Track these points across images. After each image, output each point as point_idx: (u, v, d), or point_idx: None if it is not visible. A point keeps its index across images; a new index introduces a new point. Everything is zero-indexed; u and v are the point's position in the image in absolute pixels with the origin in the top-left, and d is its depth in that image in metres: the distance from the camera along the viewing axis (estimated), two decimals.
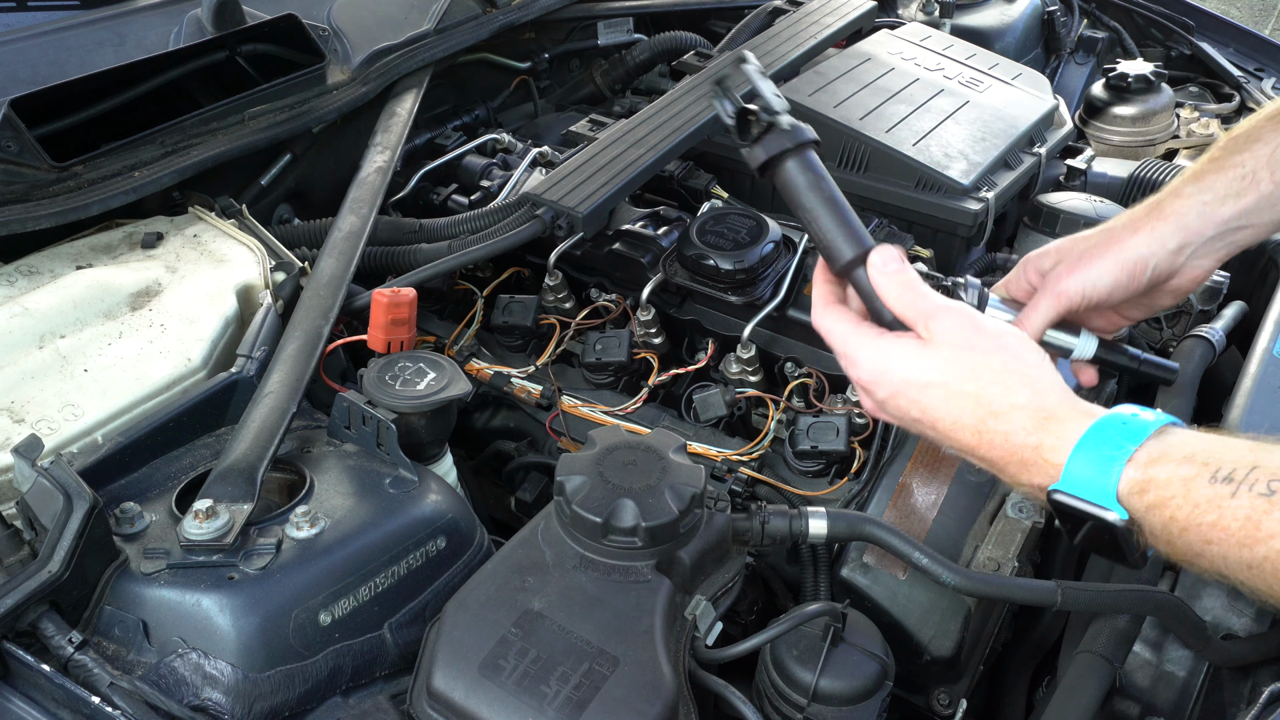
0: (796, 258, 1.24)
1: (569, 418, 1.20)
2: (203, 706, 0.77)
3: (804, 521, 0.92)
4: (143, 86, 1.25)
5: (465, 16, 1.60)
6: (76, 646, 0.76)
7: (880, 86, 1.54)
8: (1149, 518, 0.69)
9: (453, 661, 0.76)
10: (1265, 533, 0.64)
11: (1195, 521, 0.67)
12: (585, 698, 0.73)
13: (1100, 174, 1.68)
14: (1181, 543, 0.68)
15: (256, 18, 1.37)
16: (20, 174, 1.09)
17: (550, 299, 1.30)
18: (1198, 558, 0.68)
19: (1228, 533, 0.66)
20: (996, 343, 0.78)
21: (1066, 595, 0.87)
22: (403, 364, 1.00)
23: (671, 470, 0.86)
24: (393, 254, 1.31)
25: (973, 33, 2.01)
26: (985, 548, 0.99)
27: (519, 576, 0.83)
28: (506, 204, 1.33)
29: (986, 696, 1.14)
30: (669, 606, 0.81)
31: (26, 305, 1.02)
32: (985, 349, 0.77)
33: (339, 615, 0.82)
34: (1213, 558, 0.67)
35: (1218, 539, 0.66)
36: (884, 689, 0.85)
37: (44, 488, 0.80)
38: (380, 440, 0.94)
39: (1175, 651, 0.93)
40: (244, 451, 0.88)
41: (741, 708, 0.82)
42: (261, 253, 1.16)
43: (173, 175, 1.21)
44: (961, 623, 0.96)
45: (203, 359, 1.03)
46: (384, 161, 1.34)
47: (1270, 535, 0.64)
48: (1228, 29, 2.24)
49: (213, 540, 0.81)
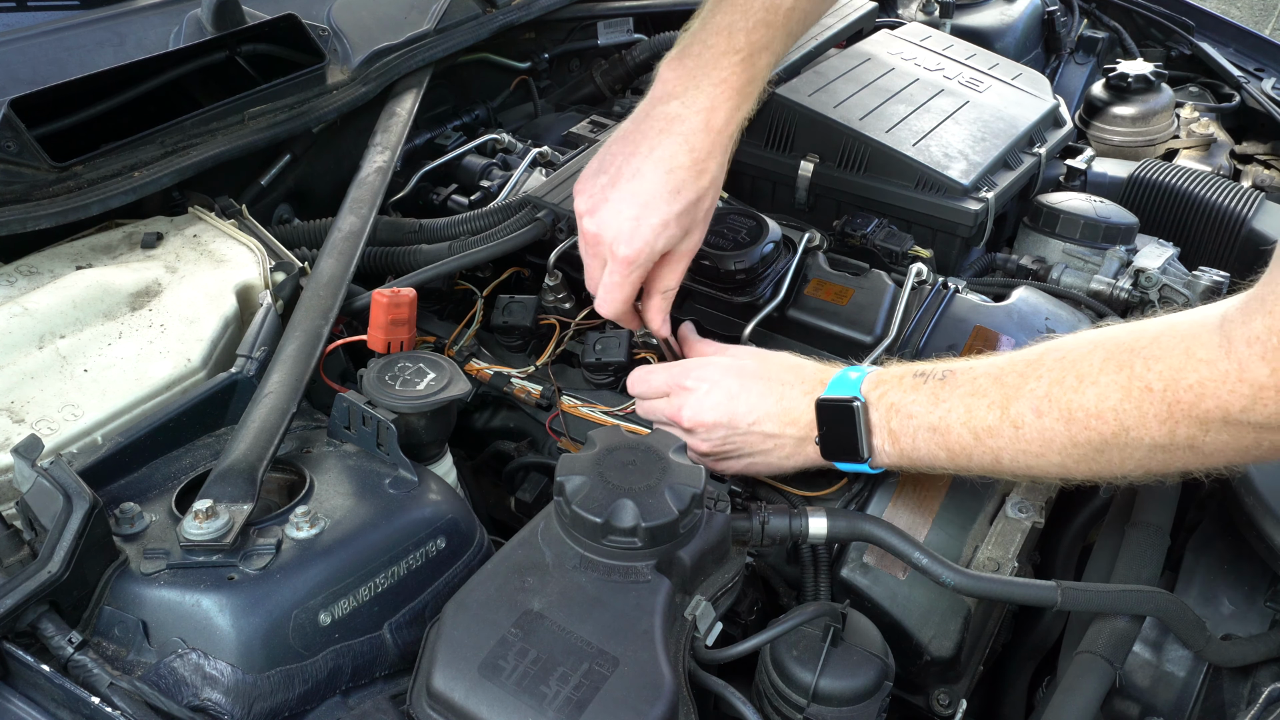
0: (796, 258, 1.24)
1: (569, 418, 1.20)
2: (202, 707, 0.77)
3: (804, 521, 0.92)
4: (143, 86, 1.25)
5: (465, 16, 1.60)
6: (76, 647, 0.76)
7: (880, 86, 1.54)
8: (879, 405, 0.94)
9: (452, 662, 0.76)
10: (939, 399, 0.90)
11: (904, 401, 0.93)
12: (585, 698, 0.73)
13: (1100, 174, 1.68)
14: (897, 423, 0.93)
15: (256, 18, 1.37)
16: (20, 174, 1.09)
17: (550, 299, 1.30)
18: (905, 434, 0.93)
19: (920, 405, 0.92)
20: (746, 349, 1.10)
21: (1066, 595, 0.87)
22: (403, 364, 1.00)
23: (671, 470, 0.86)
24: (393, 254, 1.30)
25: (973, 33, 2.01)
26: (985, 548, 0.99)
27: (519, 577, 0.83)
28: (507, 204, 1.33)
29: (986, 697, 1.14)
30: (669, 607, 0.81)
31: (26, 305, 1.02)
32: (752, 353, 1.08)
33: (339, 615, 0.82)
34: (914, 432, 0.92)
35: (916, 413, 0.92)
36: (884, 689, 0.85)
37: (44, 488, 0.80)
38: (380, 440, 0.94)
39: (1175, 651, 0.93)
40: (244, 451, 0.88)
41: (741, 708, 0.82)
42: (261, 253, 1.16)
43: (173, 175, 1.20)
44: (961, 623, 0.96)
45: (203, 359, 1.03)
46: (384, 161, 1.34)
47: (943, 401, 0.90)
48: (1228, 29, 2.24)
49: (213, 540, 0.81)
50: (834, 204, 1.47)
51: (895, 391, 0.94)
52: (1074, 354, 0.84)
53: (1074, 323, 1.23)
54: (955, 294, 1.23)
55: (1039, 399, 0.84)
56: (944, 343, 1.17)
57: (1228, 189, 1.60)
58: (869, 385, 0.96)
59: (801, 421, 0.98)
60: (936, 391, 0.91)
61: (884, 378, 0.96)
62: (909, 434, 0.93)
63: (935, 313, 1.21)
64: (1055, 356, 0.85)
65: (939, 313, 1.21)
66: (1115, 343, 0.82)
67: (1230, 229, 1.56)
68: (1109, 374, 0.80)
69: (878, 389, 0.95)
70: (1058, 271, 1.37)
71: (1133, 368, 0.79)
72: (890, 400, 0.94)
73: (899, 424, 0.93)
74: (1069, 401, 0.82)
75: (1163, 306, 1.31)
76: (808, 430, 0.98)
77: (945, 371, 0.92)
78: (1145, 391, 0.78)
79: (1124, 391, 0.79)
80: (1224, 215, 1.56)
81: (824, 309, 1.21)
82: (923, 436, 0.92)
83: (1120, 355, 0.80)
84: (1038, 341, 0.92)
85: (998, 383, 0.88)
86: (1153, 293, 1.31)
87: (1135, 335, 0.81)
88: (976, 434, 0.88)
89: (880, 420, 0.94)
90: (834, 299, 1.22)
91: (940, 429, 0.90)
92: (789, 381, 1.00)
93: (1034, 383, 0.85)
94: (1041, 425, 0.84)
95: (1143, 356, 0.79)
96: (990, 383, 0.88)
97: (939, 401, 0.91)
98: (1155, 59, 2.17)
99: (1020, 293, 1.25)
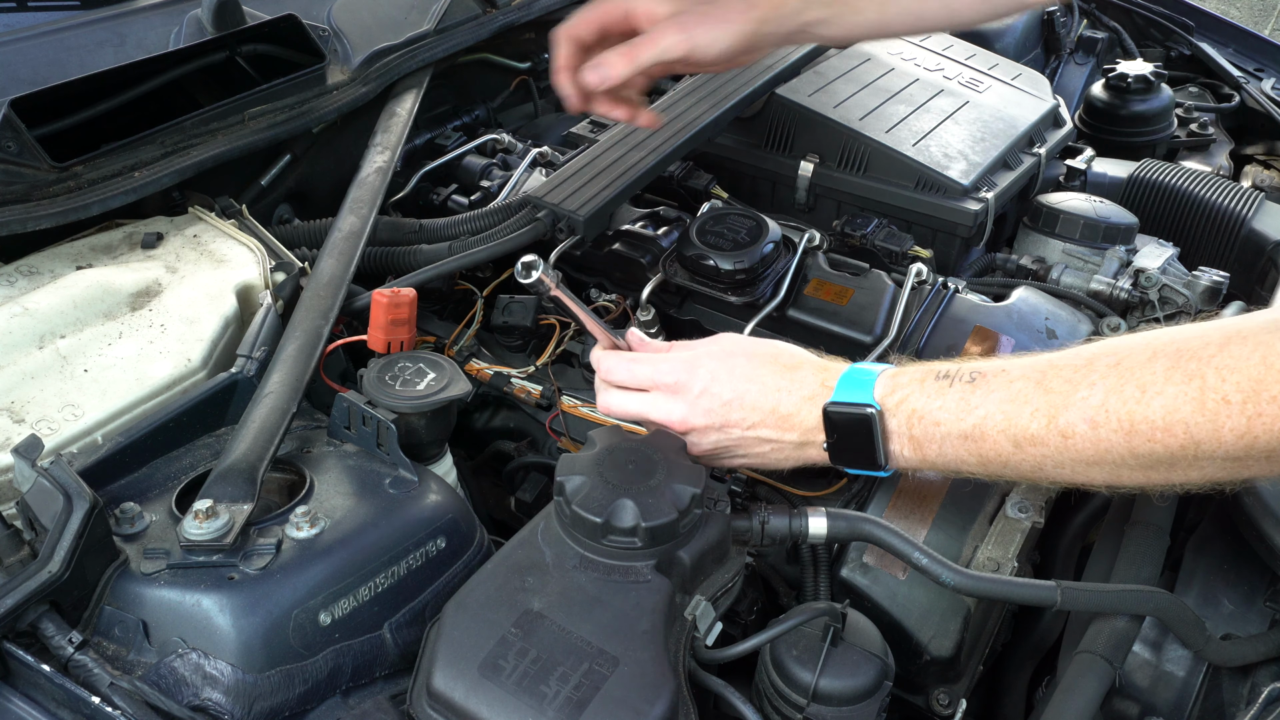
0: (796, 258, 1.24)
1: (569, 418, 1.20)
2: (203, 706, 0.77)
3: (804, 521, 0.92)
4: (143, 87, 1.25)
5: (465, 17, 1.60)
6: (76, 647, 0.76)
7: (880, 87, 1.55)
8: (898, 413, 0.88)
9: (452, 661, 0.76)
10: (971, 405, 0.85)
11: (928, 407, 0.87)
12: (585, 698, 0.73)
13: (1100, 174, 1.68)
14: (920, 430, 0.88)
15: (256, 18, 1.37)
16: (20, 174, 1.09)
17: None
18: (931, 441, 0.87)
19: (948, 410, 0.86)
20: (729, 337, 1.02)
21: (1066, 595, 0.87)
22: (403, 364, 1.00)
23: (671, 470, 0.87)
24: (393, 254, 1.31)
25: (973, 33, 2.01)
26: (985, 548, 0.99)
27: (519, 577, 0.83)
28: (507, 204, 1.33)
29: (986, 696, 1.14)
30: (669, 607, 0.81)
31: (26, 305, 1.02)
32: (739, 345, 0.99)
33: (339, 615, 0.82)
34: (941, 439, 0.87)
35: (944, 419, 0.86)
36: (884, 689, 0.85)
37: (44, 488, 0.80)
38: (380, 440, 0.94)
39: (1175, 651, 0.93)
40: (244, 451, 0.88)
41: (741, 708, 0.82)
42: (261, 253, 1.16)
43: (173, 175, 1.20)
44: (961, 623, 0.96)
45: (203, 359, 1.03)
46: (384, 161, 1.34)
47: (976, 407, 0.84)
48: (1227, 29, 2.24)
49: (213, 540, 0.81)
50: (834, 204, 1.47)
51: (917, 396, 0.88)
52: (1130, 361, 0.79)
53: (1074, 323, 1.23)
54: (955, 294, 1.23)
55: (1094, 409, 0.79)
56: (944, 343, 1.17)
57: (1228, 189, 1.60)
58: (884, 390, 0.89)
59: (802, 426, 0.93)
60: (966, 396, 0.85)
61: (900, 381, 0.89)
62: (934, 441, 0.87)
63: (935, 313, 1.21)
64: (1108, 363, 0.80)
65: (939, 313, 1.21)
66: (1177, 350, 0.77)
67: (1230, 229, 1.56)
68: (1176, 385, 0.76)
69: (895, 394, 0.89)
70: (1057, 271, 1.37)
71: (1204, 379, 0.74)
72: (911, 406, 0.88)
73: (923, 431, 0.88)
74: (1130, 413, 0.77)
75: (1163, 307, 1.31)
76: (809, 435, 0.93)
77: (973, 373, 0.86)
78: (1222, 404, 0.74)
79: (1196, 404, 0.75)
80: (1224, 215, 1.56)
81: (824, 309, 1.21)
82: (951, 444, 0.86)
83: (1186, 365, 0.76)
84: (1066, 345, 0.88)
85: (1041, 389, 0.82)
86: (1152, 293, 1.31)
87: (1200, 343, 0.77)
88: (1017, 442, 0.83)
89: (900, 427, 0.89)
90: (834, 299, 1.22)
91: (974, 436, 0.85)
92: (784, 385, 0.94)
93: (1085, 390, 0.80)
94: (1097, 436, 0.79)
95: (1215, 367, 0.74)
96: (1032, 389, 0.83)
97: (971, 408, 0.85)
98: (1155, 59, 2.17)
99: (1020, 293, 1.25)
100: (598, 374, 1.02)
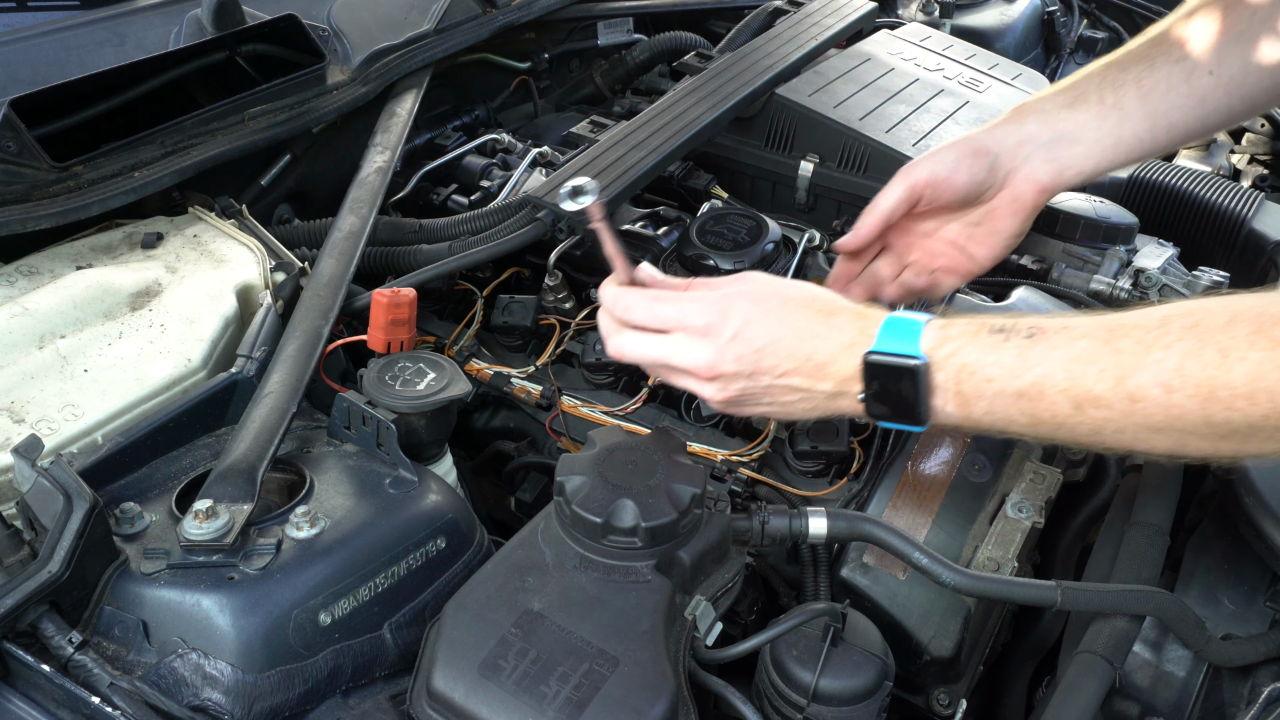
0: (796, 257, 1.24)
1: (569, 418, 1.20)
2: (203, 707, 0.77)
3: (804, 521, 0.92)
4: (143, 86, 1.25)
5: (465, 17, 1.60)
6: (76, 647, 0.76)
7: (880, 87, 1.55)
8: (946, 366, 0.82)
9: (452, 662, 0.76)
10: (1030, 362, 0.79)
11: (981, 362, 0.81)
12: (585, 698, 0.73)
13: None
14: (969, 386, 0.81)
15: (256, 18, 1.37)
16: (20, 174, 1.09)
17: (550, 299, 1.30)
18: (980, 398, 0.81)
19: (1003, 367, 0.80)
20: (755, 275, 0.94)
21: (1066, 595, 0.87)
22: (403, 364, 1.00)
23: (671, 470, 0.87)
24: (393, 254, 1.30)
25: (973, 33, 2.01)
26: (985, 548, 0.99)
27: (519, 577, 0.83)
28: (507, 204, 1.33)
29: (986, 696, 1.14)
30: (669, 607, 0.81)
31: (26, 305, 1.02)
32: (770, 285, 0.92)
33: (339, 615, 0.83)
34: (992, 396, 0.81)
35: (997, 375, 0.80)
36: (884, 689, 0.85)
37: (44, 488, 0.80)
38: (380, 440, 0.94)
39: (1175, 651, 0.93)
40: (244, 451, 0.88)
41: (741, 708, 0.82)
42: (261, 253, 1.16)
43: (173, 175, 1.20)
44: (961, 623, 0.96)
45: (203, 359, 1.03)
46: (384, 161, 1.34)
47: (1035, 364, 0.78)
48: None
49: (213, 540, 0.81)
50: (834, 204, 1.47)
51: (970, 350, 0.82)
52: (1209, 323, 0.74)
53: None
54: (955, 294, 1.23)
55: (1169, 372, 0.74)
56: None
57: (1228, 189, 1.60)
58: (932, 342, 0.83)
59: (838, 376, 0.86)
60: (1024, 352, 0.79)
61: (950, 334, 0.83)
62: (984, 398, 0.81)
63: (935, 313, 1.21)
64: (1184, 324, 0.75)
65: None
66: (1259, 315, 0.73)
67: (1230, 229, 1.56)
68: (1261, 350, 0.71)
69: (944, 347, 0.83)
70: (1058, 271, 1.37)
71: None
72: (963, 360, 0.82)
73: (972, 387, 0.82)
74: (1210, 378, 0.73)
75: None
76: (844, 385, 0.86)
77: (1031, 329, 0.81)
78: None
79: None
80: (1224, 215, 1.56)
81: None
82: (1003, 402, 0.81)
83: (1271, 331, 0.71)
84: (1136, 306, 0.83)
85: (1110, 348, 0.77)
86: (1153, 293, 1.31)
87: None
88: (1078, 404, 0.78)
89: (947, 382, 0.82)
90: None
91: (1030, 395, 0.79)
92: (821, 332, 0.87)
93: (1160, 353, 0.75)
94: (1170, 401, 0.74)
95: None
96: (1099, 348, 0.77)
97: (1029, 365, 0.79)
98: None
99: (1020, 293, 1.26)
100: (611, 313, 0.93)
